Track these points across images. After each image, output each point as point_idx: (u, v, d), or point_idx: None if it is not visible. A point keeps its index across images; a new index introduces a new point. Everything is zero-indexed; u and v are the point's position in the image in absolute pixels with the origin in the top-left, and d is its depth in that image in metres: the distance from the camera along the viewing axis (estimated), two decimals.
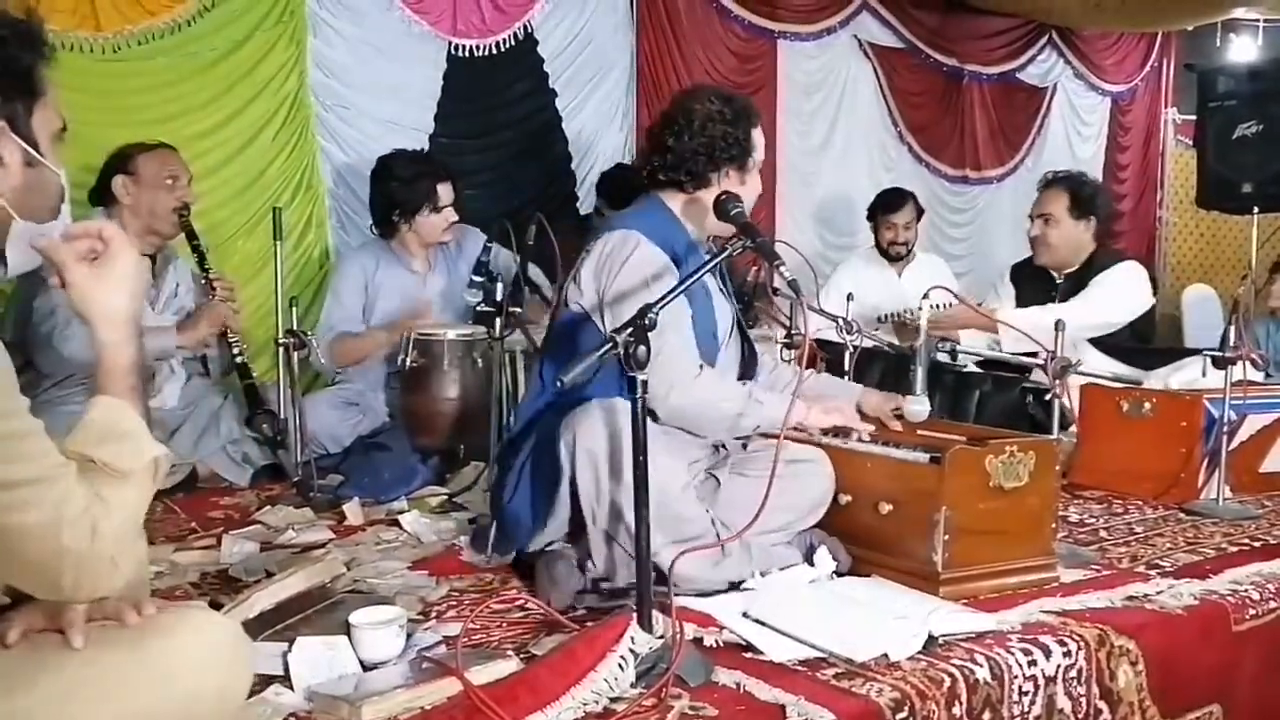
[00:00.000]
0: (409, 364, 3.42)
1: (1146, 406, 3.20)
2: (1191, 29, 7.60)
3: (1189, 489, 3.11)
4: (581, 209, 5.14)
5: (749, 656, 1.89)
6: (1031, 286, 4.10)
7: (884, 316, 4.27)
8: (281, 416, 3.19)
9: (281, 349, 3.10)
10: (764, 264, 3.14)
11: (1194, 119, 5.17)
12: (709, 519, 2.22)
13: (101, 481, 1.25)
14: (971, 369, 3.84)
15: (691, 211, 2.48)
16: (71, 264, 1.34)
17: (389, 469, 3.24)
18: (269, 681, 1.75)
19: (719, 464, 2.43)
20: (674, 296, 1.95)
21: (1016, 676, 1.90)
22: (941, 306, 3.58)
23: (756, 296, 3.70)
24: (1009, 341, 3.59)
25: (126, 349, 1.34)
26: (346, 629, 1.86)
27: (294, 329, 3.09)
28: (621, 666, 1.74)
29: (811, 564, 2.31)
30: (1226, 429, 3.01)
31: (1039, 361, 2.76)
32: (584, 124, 5.29)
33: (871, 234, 5.03)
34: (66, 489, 1.20)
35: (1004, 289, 4.24)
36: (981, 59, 6.90)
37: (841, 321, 3.16)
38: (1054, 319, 2.70)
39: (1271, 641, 2.26)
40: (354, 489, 3.11)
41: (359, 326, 3.75)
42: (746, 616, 2.02)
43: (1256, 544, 2.72)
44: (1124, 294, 3.90)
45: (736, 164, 2.46)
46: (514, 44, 4.98)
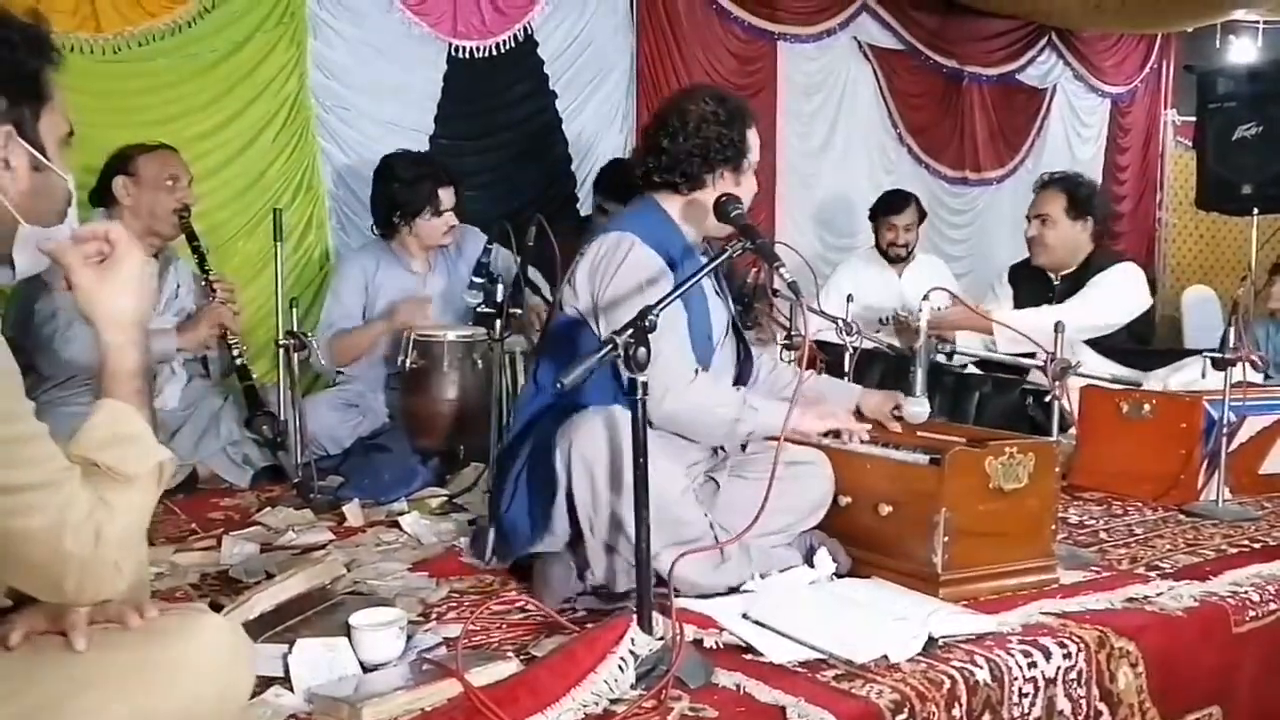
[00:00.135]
0: (409, 365, 3.43)
1: (1146, 408, 3.20)
2: (1191, 31, 7.59)
3: (1189, 490, 3.11)
4: (582, 210, 5.13)
5: (749, 658, 1.89)
6: (1029, 287, 4.09)
7: (885, 318, 4.27)
8: (281, 418, 3.19)
9: (282, 350, 3.10)
10: (764, 265, 3.13)
11: (1194, 120, 5.19)
12: (708, 523, 2.21)
13: (106, 486, 1.25)
14: (971, 370, 3.83)
15: (690, 213, 2.45)
16: (79, 266, 1.34)
17: (389, 470, 3.24)
18: (269, 683, 1.75)
19: (718, 467, 2.42)
20: (674, 299, 1.94)
21: (1016, 678, 1.90)
22: (940, 308, 3.58)
23: (756, 298, 3.70)
24: (1004, 342, 3.59)
25: (132, 352, 1.34)
26: (347, 630, 1.86)
27: (294, 330, 3.09)
28: (621, 668, 1.74)
29: (811, 565, 2.31)
30: (1226, 430, 3.01)
31: (1038, 363, 2.76)
32: (584, 125, 5.29)
33: (872, 234, 5.03)
34: (71, 493, 1.20)
35: (1001, 290, 4.23)
36: (981, 60, 6.90)
37: (841, 323, 3.16)
38: (1051, 320, 2.70)
39: (1271, 643, 2.26)
40: (354, 490, 3.11)
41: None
42: (746, 618, 2.02)
43: (1256, 545, 2.72)
44: (1121, 295, 3.88)
45: (731, 165, 2.43)
46: (514, 45, 4.98)
